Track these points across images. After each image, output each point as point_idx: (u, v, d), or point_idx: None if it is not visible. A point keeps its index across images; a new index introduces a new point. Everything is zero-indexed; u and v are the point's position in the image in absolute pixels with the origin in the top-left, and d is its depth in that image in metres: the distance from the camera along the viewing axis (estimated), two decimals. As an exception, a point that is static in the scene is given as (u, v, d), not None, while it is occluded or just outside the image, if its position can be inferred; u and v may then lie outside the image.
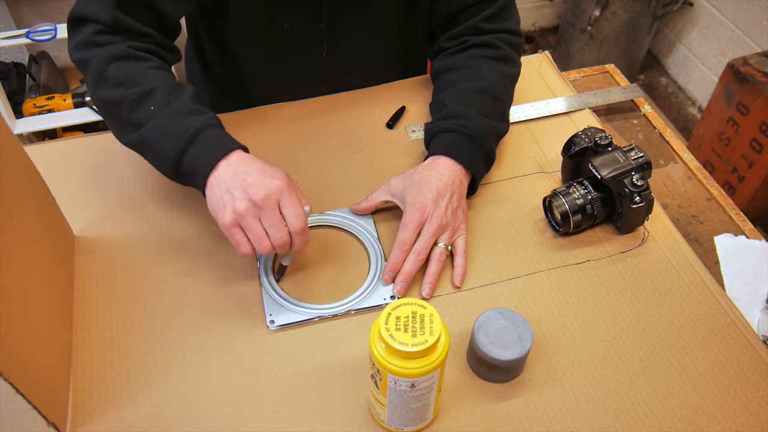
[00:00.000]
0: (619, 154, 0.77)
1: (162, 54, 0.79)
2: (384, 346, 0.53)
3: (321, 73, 0.97)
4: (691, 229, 0.85)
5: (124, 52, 0.73)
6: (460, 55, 0.89)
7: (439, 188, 0.76)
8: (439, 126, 0.82)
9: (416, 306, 0.54)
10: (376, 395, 0.59)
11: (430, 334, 0.52)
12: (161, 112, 0.70)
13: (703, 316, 0.72)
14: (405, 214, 0.76)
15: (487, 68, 0.86)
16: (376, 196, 0.80)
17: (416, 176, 0.77)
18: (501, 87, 0.86)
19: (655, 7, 2.30)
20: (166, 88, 0.72)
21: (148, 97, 0.71)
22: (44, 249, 0.69)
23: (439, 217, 0.75)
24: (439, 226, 0.75)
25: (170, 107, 0.71)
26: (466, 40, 0.90)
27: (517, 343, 0.64)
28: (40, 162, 0.74)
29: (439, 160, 0.78)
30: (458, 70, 0.88)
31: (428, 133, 0.84)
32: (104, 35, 0.74)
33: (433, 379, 0.56)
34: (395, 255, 0.74)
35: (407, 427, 0.62)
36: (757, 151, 1.82)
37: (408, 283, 0.74)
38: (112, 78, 0.72)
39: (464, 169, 0.79)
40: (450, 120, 0.82)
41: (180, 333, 0.70)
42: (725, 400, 0.66)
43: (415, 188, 0.76)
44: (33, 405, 0.55)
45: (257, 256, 0.77)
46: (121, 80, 0.72)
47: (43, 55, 2.11)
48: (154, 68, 0.74)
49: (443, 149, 0.79)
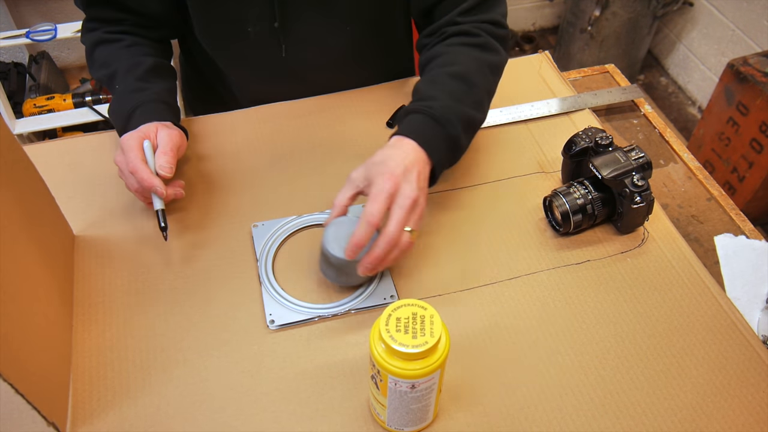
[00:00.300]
0: (620, 154, 0.77)
1: (138, 32, 0.89)
2: (384, 347, 0.53)
3: (287, 74, 0.96)
4: (691, 229, 0.85)
5: (101, 39, 0.88)
6: (438, 46, 0.85)
7: (407, 164, 0.70)
8: (406, 109, 0.78)
9: (416, 307, 0.54)
10: (376, 396, 0.59)
11: (431, 336, 0.52)
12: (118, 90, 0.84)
13: (703, 316, 0.72)
14: (373, 185, 0.68)
15: (464, 54, 0.82)
16: (341, 198, 0.72)
17: (378, 157, 0.71)
18: (477, 73, 0.81)
19: (655, 7, 2.30)
20: (124, 68, 0.84)
21: (114, 77, 0.85)
22: (44, 249, 0.69)
23: (411, 190, 0.68)
24: (412, 202, 0.68)
25: (121, 87, 0.83)
26: (444, 31, 0.86)
27: None
28: (40, 162, 0.74)
29: (402, 141, 0.73)
30: (436, 58, 0.83)
31: (397, 119, 0.84)
32: (90, 21, 0.90)
33: (434, 380, 0.56)
34: (362, 230, 0.67)
35: (407, 428, 0.62)
36: (757, 151, 1.82)
37: (375, 268, 0.68)
38: (96, 61, 0.88)
39: (426, 155, 0.73)
40: (416, 102, 0.77)
41: (180, 333, 0.70)
42: (725, 400, 0.66)
43: (380, 165, 0.69)
44: (33, 405, 0.55)
45: (257, 256, 0.77)
46: (101, 63, 0.87)
47: (43, 55, 2.11)
48: (125, 47, 0.87)
49: (406, 131, 0.74)
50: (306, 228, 0.81)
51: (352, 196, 0.72)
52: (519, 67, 1.06)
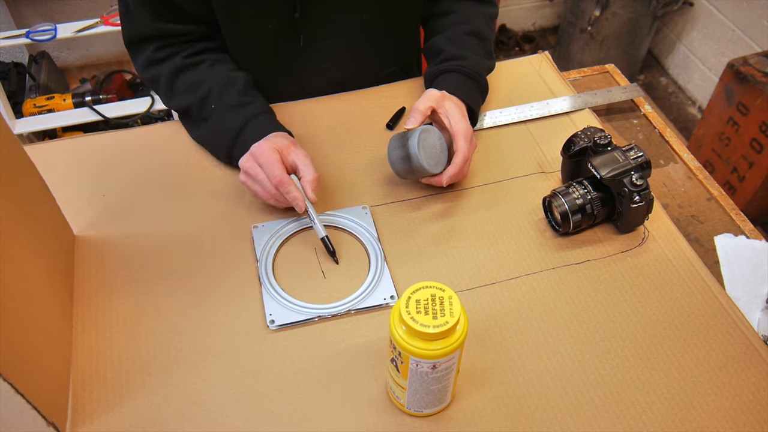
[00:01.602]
0: (619, 153, 0.77)
1: (211, 46, 0.90)
2: (405, 328, 0.55)
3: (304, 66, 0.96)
4: (691, 229, 0.85)
5: (182, 65, 0.87)
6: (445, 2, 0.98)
7: None
8: (439, 69, 0.91)
9: (435, 289, 0.56)
10: (396, 379, 0.60)
11: (450, 316, 0.54)
12: (216, 110, 0.84)
13: (703, 315, 0.72)
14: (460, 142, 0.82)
15: (470, 10, 0.97)
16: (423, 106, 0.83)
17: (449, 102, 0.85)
18: (485, 27, 0.96)
19: (655, 7, 2.30)
20: (218, 87, 0.85)
21: (208, 97, 0.85)
22: (44, 249, 0.69)
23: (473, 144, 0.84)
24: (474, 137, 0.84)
25: (222, 103, 0.84)
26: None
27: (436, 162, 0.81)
28: (40, 162, 0.74)
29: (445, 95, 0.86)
30: (446, 15, 0.97)
31: (429, 77, 0.93)
32: (160, 51, 0.87)
33: (453, 360, 0.57)
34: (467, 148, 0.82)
35: (426, 410, 0.63)
36: (757, 151, 1.82)
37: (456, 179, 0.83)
38: (178, 89, 0.87)
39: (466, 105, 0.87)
40: (449, 62, 0.91)
41: (180, 333, 0.70)
42: (726, 400, 0.66)
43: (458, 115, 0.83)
44: (33, 405, 0.55)
45: (257, 257, 0.77)
46: (185, 89, 0.87)
47: (43, 55, 2.11)
48: (209, 67, 0.87)
49: (448, 88, 0.87)
50: (306, 229, 0.81)
51: (430, 107, 0.84)
52: (519, 67, 1.06)
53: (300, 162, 0.79)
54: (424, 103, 0.83)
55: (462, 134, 0.81)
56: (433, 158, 0.81)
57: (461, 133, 0.81)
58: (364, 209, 0.83)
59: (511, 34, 2.69)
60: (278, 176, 0.76)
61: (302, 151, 0.80)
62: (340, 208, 0.83)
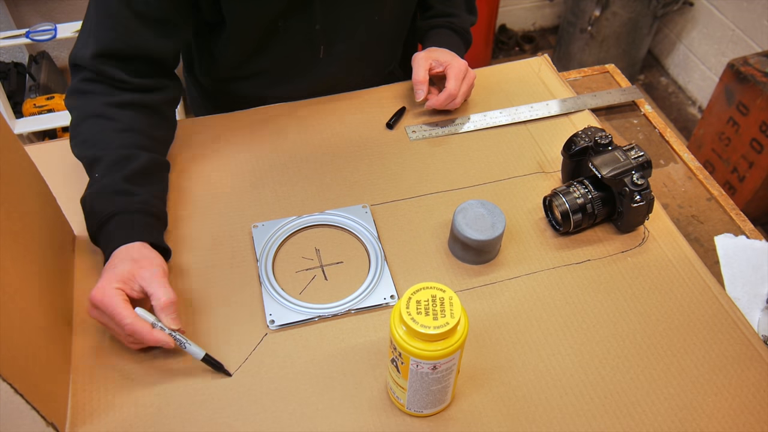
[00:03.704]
0: (619, 153, 0.77)
1: (145, 99, 0.81)
2: (406, 329, 0.55)
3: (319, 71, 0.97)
4: (691, 229, 0.85)
5: (95, 111, 0.78)
6: None
7: None
8: (429, 24, 1.02)
9: (435, 290, 0.56)
10: (396, 379, 0.60)
11: (451, 317, 0.54)
12: (97, 183, 0.74)
13: (703, 315, 0.72)
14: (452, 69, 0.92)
15: None
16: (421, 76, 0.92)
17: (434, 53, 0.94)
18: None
19: (655, 7, 2.30)
20: (109, 160, 0.75)
21: (97, 163, 0.75)
22: (44, 249, 0.69)
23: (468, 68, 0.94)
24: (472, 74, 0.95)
25: (104, 181, 0.74)
26: None
27: (489, 228, 0.74)
28: (40, 162, 0.74)
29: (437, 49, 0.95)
30: None
31: (420, 30, 1.03)
32: (88, 83, 0.79)
33: (454, 361, 0.57)
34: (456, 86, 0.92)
35: (426, 410, 0.63)
36: (758, 151, 1.82)
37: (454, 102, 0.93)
38: (80, 135, 0.78)
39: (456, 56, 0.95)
40: (438, 18, 1.02)
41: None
42: (726, 400, 0.65)
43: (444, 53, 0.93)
44: (32, 405, 0.55)
45: (257, 256, 0.77)
46: (83, 140, 0.78)
47: (43, 55, 2.11)
48: (117, 131, 0.77)
49: (438, 43, 0.97)
50: (306, 228, 0.81)
51: (426, 70, 0.92)
52: (519, 69, 1.06)
53: (148, 286, 0.66)
54: (418, 72, 0.91)
55: (453, 71, 0.91)
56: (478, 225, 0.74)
57: (452, 70, 0.91)
58: (364, 208, 0.83)
59: (511, 34, 2.69)
60: (129, 324, 0.64)
61: (152, 269, 0.67)
62: (339, 207, 0.83)
